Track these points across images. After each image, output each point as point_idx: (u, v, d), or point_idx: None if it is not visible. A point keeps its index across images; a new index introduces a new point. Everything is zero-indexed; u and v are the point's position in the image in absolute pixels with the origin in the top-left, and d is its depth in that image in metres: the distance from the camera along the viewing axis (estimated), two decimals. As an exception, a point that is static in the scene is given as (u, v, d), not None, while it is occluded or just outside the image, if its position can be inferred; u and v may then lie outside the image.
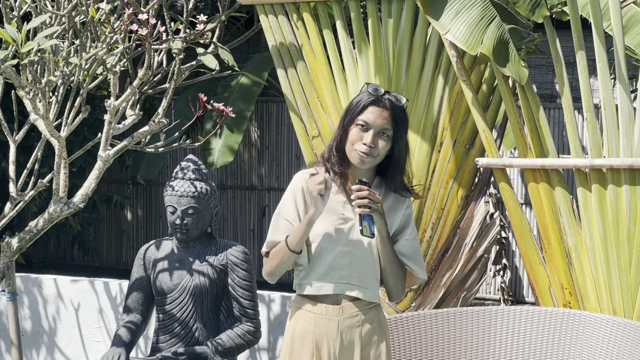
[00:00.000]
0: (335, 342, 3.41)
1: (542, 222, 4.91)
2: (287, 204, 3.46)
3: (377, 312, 3.49)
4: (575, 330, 4.04)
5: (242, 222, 10.18)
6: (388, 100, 3.35)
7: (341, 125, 3.38)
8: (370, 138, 3.30)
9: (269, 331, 5.63)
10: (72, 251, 10.80)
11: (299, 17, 5.66)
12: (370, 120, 3.31)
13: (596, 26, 4.64)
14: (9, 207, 4.77)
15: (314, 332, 3.42)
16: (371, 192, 3.26)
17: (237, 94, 9.04)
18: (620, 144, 4.64)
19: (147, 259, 4.85)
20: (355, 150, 3.33)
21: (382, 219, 3.32)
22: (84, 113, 4.57)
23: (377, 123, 3.31)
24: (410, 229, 3.49)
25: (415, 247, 3.50)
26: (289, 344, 3.50)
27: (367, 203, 3.24)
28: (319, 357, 3.42)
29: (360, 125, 3.32)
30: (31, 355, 6.14)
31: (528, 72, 4.87)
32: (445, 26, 4.87)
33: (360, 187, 3.26)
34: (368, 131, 3.31)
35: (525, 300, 8.94)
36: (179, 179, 4.75)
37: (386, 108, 3.33)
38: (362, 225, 3.28)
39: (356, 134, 3.33)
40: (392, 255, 3.40)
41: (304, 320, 3.45)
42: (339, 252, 3.40)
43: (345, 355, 3.41)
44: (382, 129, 3.32)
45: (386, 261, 3.40)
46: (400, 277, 3.46)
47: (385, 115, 3.32)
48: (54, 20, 4.56)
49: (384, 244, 3.37)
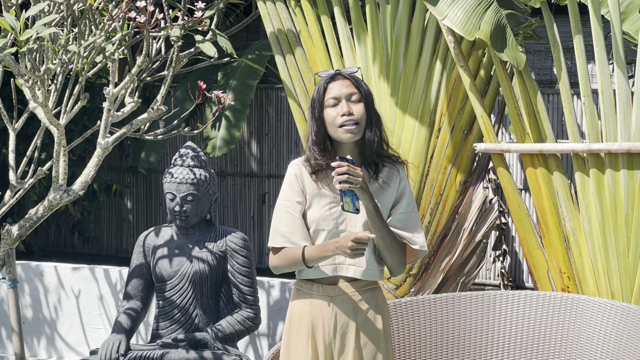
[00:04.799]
0: (330, 322, 3.43)
1: (540, 207, 4.92)
2: (286, 196, 3.49)
3: (375, 293, 3.50)
4: (574, 315, 4.06)
5: (242, 209, 10.18)
6: (342, 72, 3.45)
7: (312, 119, 3.44)
8: (345, 107, 3.37)
9: (269, 317, 5.64)
10: (72, 239, 10.80)
11: (297, 4, 5.66)
12: (336, 93, 3.39)
13: (594, 11, 4.65)
14: (9, 195, 4.77)
15: (310, 312, 3.45)
16: (350, 167, 3.26)
17: (236, 81, 9.04)
18: (618, 129, 4.64)
19: (147, 246, 4.87)
20: (339, 128, 3.37)
21: (366, 193, 3.31)
22: (82, 101, 4.57)
23: (344, 92, 3.39)
24: (405, 202, 3.48)
25: (412, 219, 3.48)
26: (288, 324, 3.54)
27: (347, 178, 3.26)
28: (314, 337, 3.45)
29: (331, 106, 3.39)
30: (32, 343, 6.16)
31: (526, 57, 4.87)
32: (443, 12, 4.87)
33: (340, 163, 3.28)
34: (339, 103, 3.38)
35: (525, 285, 8.96)
36: (178, 165, 4.76)
37: (344, 78, 3.43)
38: (343, 200, 3.28)
39: (331, 113, 3.38)
40: (384, 229, 3.39)
41: (302, 301, 3.49)
42: (334, 233, 3.42)
43: (340, 335, 3.44)
44: (350, 94, 3.39)
45: (379, 236, 3.39)
46: (397, 251, 3.44)
47: (347, 83, 3.41)
48: (53, 8, 4.56)
49: (372, 218, 3.36)
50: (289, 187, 3.49)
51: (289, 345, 3.52)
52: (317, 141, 3.43)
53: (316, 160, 3.43)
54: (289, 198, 3.47)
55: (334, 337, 3.44)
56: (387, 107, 5.44)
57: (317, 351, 3.45)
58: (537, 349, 4.09)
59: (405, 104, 5.42)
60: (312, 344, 3.45)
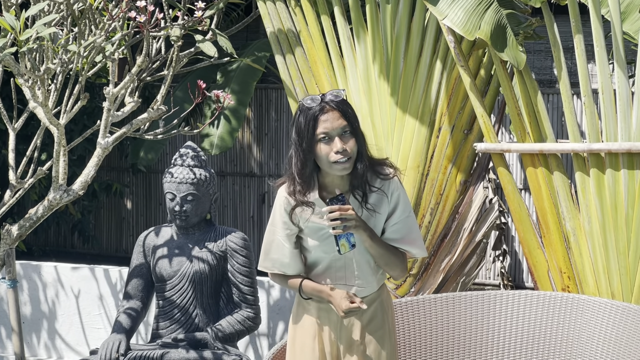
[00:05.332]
0: (336, 319, 3.46)
1: (540, 207, 4.91)
2: (275, 225, 3.48)
3: (381, 291, 3.53)
4: (574, 314, 4.06)
5: (242, 209, 10.18)
6: (329, 101, 3.31)
7: (299, 149, 3.32)
8: (339, 144, 3.27)
9: (269, 317, 5.64)
10: (72, 239, 10.80)
11: (297, 3, 5.66)
12: (328, 128, 3.28)
13: (594, 10, 4.64)
14: (8, 194, 4.77)
15: (317, 307, 3.49)
16: (342, 211, 3.23)
17: (236, 81, 9.03)
18: (619, 129, 4.64)
19: (147, 245, 4.86)
20: (332, 164, 3.30)
21: (360, 228, 3.29)
22: (82, 100, 4.57)
23: (335, 126, 3.28)
24: (399, 211, 3.44)
25: (409, 226, 3.46)
26: (293, 321, 3.58)
27: (341, 223, 3.24)
28: (320, 334, 3.48)
29: (322, 140, 3.29)
30: (32, 342, 6.16)
31: (526, 57, 4.87)
32: (443, 11, 4.87)
33: (331, 208, 3.24)
34: (332, 139, 3.28)
35: (525, 285, 8.95)
36: (178, 165, 4.75)
37: (333, 109, 3.30)
38: (338, 245, 3.28)
39: (324, 148, 3.29)
40: (382, 250, 3.40)
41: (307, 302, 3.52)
42: (332, 258, 3.43)
43: (346, 332, 3.46)
44: (342, 130, 3.29)
45: (377, 257, 3.42)
46: (397, 264, 3.45)
47: (337, 115, 3.29)
48: (53, 7, 4.56)
49: (370, 246, 3.37)
50: (279, 219, 3.46)
51: (294, 344, 3.54)
52: (303, 173, 3.35)
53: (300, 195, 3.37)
54: (279, 229, 3.47)
55: (340, 334, 3.46)
56: (387, 107, 5.44)
57: (324, 349, 3.48)
58: (537, 348, 4.09)
59: (405, 104, 5.42)
60: (319, 341, 3.47)
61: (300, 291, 3.46)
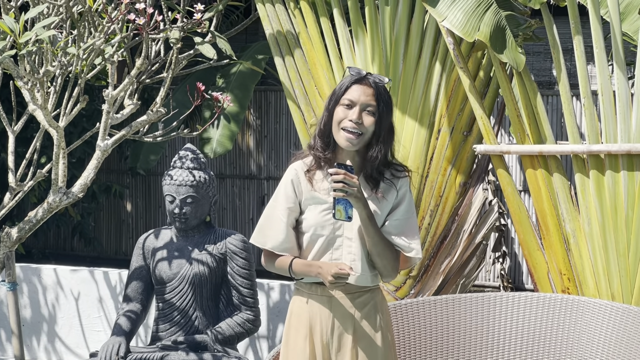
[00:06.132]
0: (327, 321, 3.44)
1: (540, 208, 4.91)
2: (278, 199, 3.48)
3: (374, 294, 3.50)
4: (574, 316, 4.05)
5: (241, 211, 10.18)
6: (371, 79, 3.37)
7: (326, 109, 3.39)
8: (356, 114, 3.31)
9: (269, 319, 5.64)
10: (72, 241, 10.80)
11: (296, 5, 5.66)
12: (354, 97, 3.33)
13: (593, 11, 4.64)
14: (8, 197, 4.77)
15: (309, 310, 3.47)
16: (347, 176, 3.23)
17: (235, 83, 9.02)
18: (618, 130, 4.64)
19: (147, 248, 4.86)
20: (342, 130, 3.33)
21: (360, 201, 3.29)
22: (82, 103, 4.57)
23: (362, 100, 3.32)
24: (403, 208, 3.45)
25: (408, 224, 3.46)
26: (288, 322, 3.56)
27: (342, 187, 3.23)
28: (312, 336, 3.46)
29: (345, 105, 3.33)
30: (32, 345, 6.15)
31: (525, 58, 4.87)
32: (442, 13, 4.87)
33: (337, 170, 3.24)
34: (353, 108, 3.32)
35: (524, 287, 8.95)
36: (178, 168, 4.75)
37: (369, 86, 3.35)
38: (335, 209, 3.27)
39: (341, 113, 3.33)
40: (376, 237, 3.38)
41: (301, 300, 3.51)
42: (330, 239, 3.42)
43: (338, 334, 3.44)
44: (367, 105, 3.33)
45: (371, 244, 3.38)
46: (389, 258, 3.43)
47: (369, 92, 3.34)
48: (52, 10, 4.56)
49: (366, 226, 3.35)
50: (282, 191, 3.48)
51: (287, 344, 3.54)
52: (323, 132, 3.40)
53: (317, 152, 3.41)
54: (281, 202, 3.47)
55: (331, 336, 3.45)
56: (387, 109, 5.43)
57: (315, 351, 3.46)
58: (537, 350, 4.09)
59: (404, 106, 5.42)
60: (310, 342, 3.46)
61: (290, 270, 3.43)
